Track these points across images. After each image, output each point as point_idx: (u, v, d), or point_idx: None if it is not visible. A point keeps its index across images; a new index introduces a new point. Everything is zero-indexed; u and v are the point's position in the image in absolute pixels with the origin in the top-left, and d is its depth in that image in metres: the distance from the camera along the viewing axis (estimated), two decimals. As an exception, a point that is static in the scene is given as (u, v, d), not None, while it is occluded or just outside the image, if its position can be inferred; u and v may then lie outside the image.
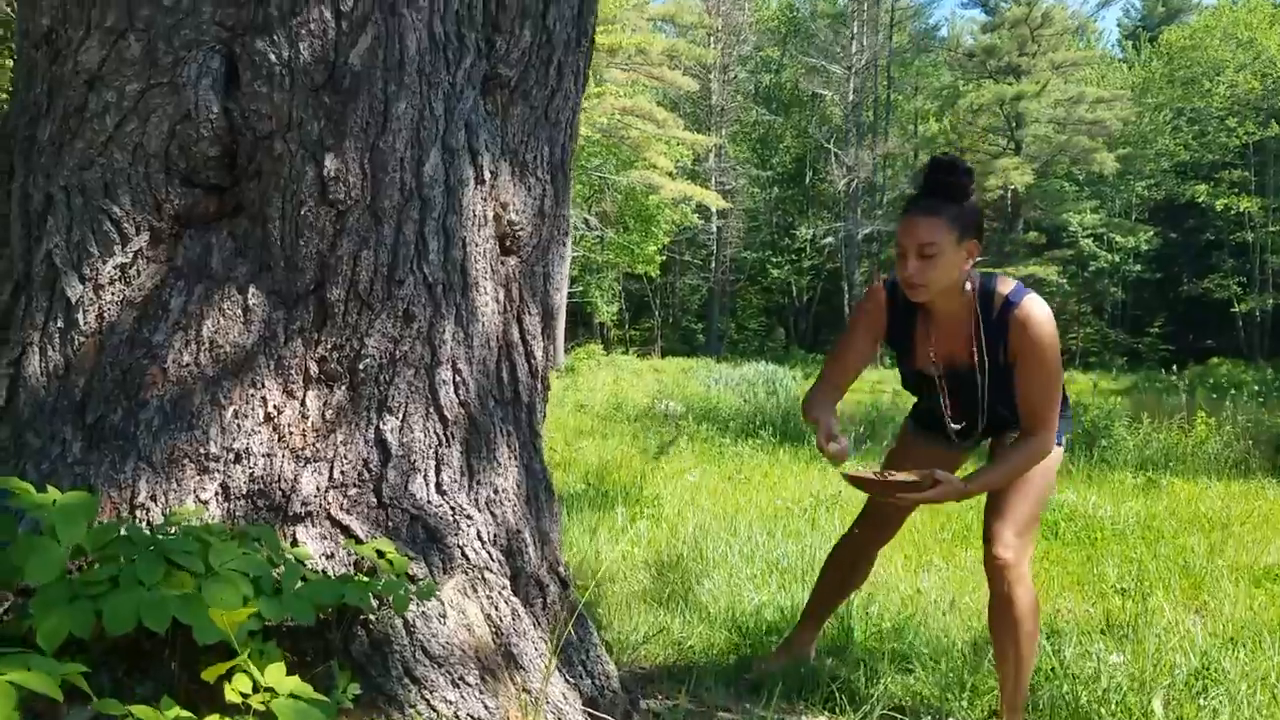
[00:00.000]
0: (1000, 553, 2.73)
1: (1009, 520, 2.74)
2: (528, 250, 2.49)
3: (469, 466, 2.26)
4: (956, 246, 2.51)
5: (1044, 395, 2.59)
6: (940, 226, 2.49)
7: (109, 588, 1.63)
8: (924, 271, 2.53)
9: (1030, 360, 2.57)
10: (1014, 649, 2.80)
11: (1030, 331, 2.54)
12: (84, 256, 2.08)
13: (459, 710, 1.92)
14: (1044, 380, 2.58)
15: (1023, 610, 2.77)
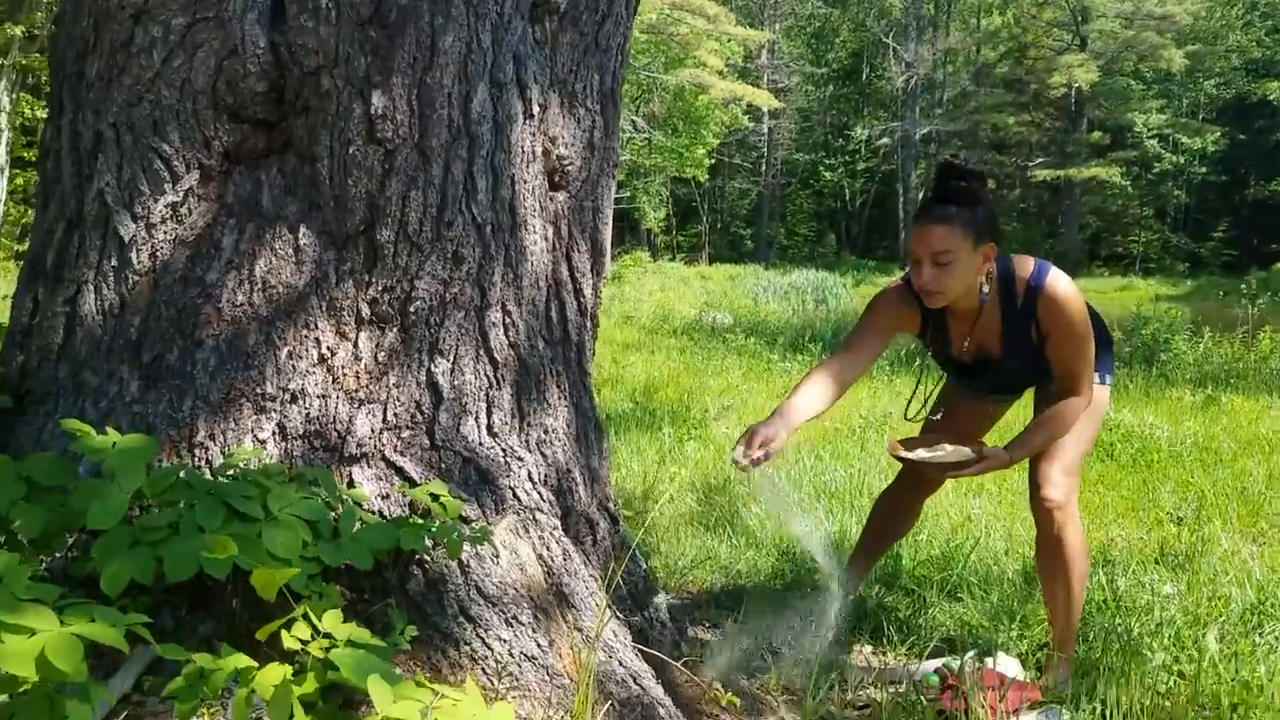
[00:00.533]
0: (1050, 494, 2.72)
1: (1056, 461, 2.72)
2: (577, 185, 2.45)
3: (519, 408, 2.26)
4: (972, 252, 2.48)
5: (1079, 362, 2.59)
6: (954, 234, 2.45)
7: (169, 534, 1.66)
8: (940, 279, 2.49)
9: (1063, 336, 2.56)
10: (1064, 588, 2.79)
11: (1060, 312, 2.54)
12: (135, 195, 2.08)
13: (512, 648, 1.95)
14: (1078, 350, 2.58)
15: (1072, 550, 2.76)
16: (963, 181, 2.48)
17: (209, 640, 1.83)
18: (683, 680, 2.35)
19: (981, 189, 2.50)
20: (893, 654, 3.00)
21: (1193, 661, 2.86)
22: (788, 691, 2.57)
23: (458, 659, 1.92)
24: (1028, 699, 2.57)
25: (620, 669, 2.07)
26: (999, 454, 2.63)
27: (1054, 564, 2.78)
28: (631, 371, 7.98)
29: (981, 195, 2.50)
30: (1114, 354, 2.87)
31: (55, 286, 2.13)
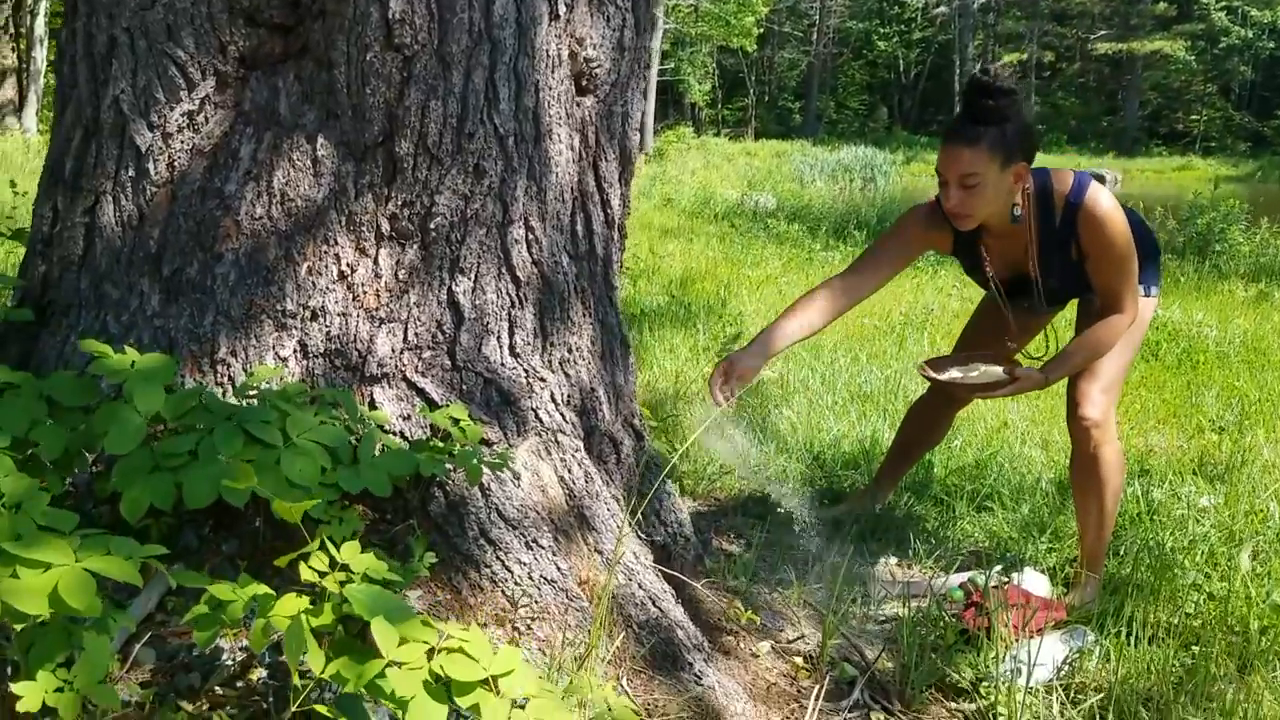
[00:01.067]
0: (1088, 412, 2.66)
1: (1096, 379, 2.66)
2: (605, 89, 2.36)
3: (542, 327, 2.22)
4: (1000, 173, 2.39)
5: (1121, 280, 2.50)
6: (981, 156, 2.36)
7: (188, 460, 1.67)
8: (967, 202, 2.42)
9: (1104, 255, 2.48)
10: (1097, 506, 2.76)
11: (1100, 230, 2.45)
12: (151, 103, 2.02)
13: (532, 572, 1.96)
14: (1119, 268, 2.49)
15: (1108, 468, 2.71)
16: (991, 100, 2.35)
17: (232, 559, 1.85)
18: (704, 598, 2.36)
19: (1011, 106, 2.37)
20: (918, 567, 3.00)
21: (1224, 579, 2.84)
22: (809, 605, 2.58)
23: (478, 581, 1.93)
24: (1052, 619, 2.57)
25: (639, 591, 2.07)
26: (1033, 375, 2.56)
27: (1088, 481, 2.74)
28: (669, 263, 7.90)
29: (1011, 113, 2.37)
30: (1160, 257, 2.77)
31: (74, 196, 2.10)
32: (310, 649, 1.42)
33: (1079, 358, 2.58)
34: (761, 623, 2.40)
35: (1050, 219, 2.52)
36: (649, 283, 7.18)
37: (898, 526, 3.20)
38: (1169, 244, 9.79)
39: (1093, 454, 2.70)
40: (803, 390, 4.48)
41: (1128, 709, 2.20)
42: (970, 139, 2.37)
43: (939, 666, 2.32)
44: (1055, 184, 2.50)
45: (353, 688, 1.33)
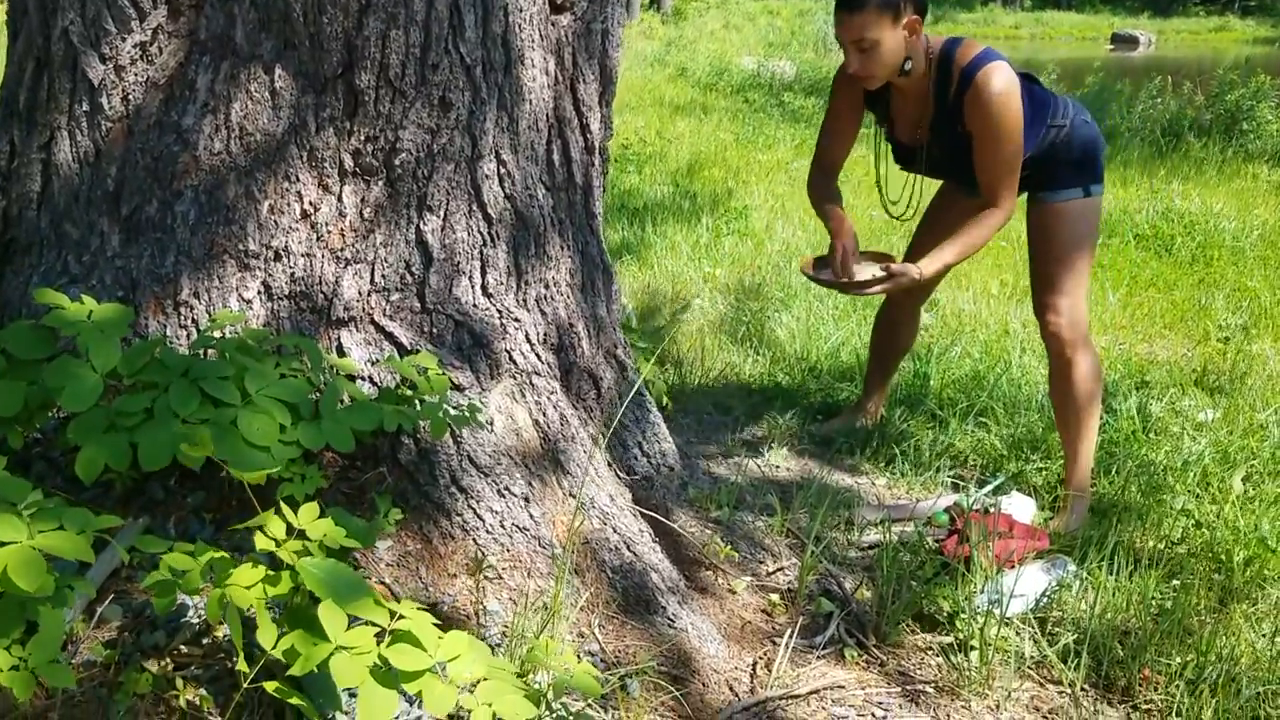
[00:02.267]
0: (1053, 319, 2.72)
1: (1056, 289, 2.70)
2: (583, 6, 2.24)
3: (516, 265, 2.16)
4: (893, 29, 2.47)
5: (1000, 168, 2.54)
6: (870, 18, 2.45)
7: (144, 419, 1.64)
8: (866, 64, 2.52)
9: (984, 134, 2.52)
10: (1075, 414, 2.80)
11: (982, 105, 2.48)
12: (102, 35, 1.93)
13: (504, 519, 1.95)
14: (999, 154, 2.52)
15: (1082, 376, 2.75)
16: None
17: (198, 511, 1.84)
18: (684, 531, 2.36)
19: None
20: (905, 485, 2.99)
21: (1215, 502, 2.82)
22: (792, 534, 2.58)
23: (449, 529, 1.92)
24: (1034, 548, 2.56)
25: (614, 535, 2.07)
26: (907, 269, 2.61)
27: (1064, 390, 2.79)
28: (677, 146, 7.71)
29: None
30: (1104, 153, 2.75)
31: (30, 130, 2.03)
32: (261, 623, 1.42)
33: (950, 252, 2.62)
34: (741, 556, 2.40)
35: (946, 87, 2.56)
36: (655, 169, 7.02)
37: (889, 443, 3.18)
38: (1195, 122, 9.48)
39: (1067, 359, 2.74)
40: (805, 294, 4.41)
41: (1104, 644, 2.20)
42: (858, 3, 2.45)
43: (917, 599, 2.32)
44: (959, 54, 2.54)
45: (300, 670, 1.33)
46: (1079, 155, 2.64)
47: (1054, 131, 2.63)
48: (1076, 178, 2.65)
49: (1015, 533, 2.58)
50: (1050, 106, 2.63)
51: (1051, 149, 2.64)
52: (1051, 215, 2.68)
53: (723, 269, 4.88)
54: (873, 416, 3.36)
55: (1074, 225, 2.66)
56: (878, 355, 3.30)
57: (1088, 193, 2.67)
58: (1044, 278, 2.72)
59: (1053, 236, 2.68)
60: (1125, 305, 4.52)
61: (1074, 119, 2.65)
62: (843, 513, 2.72)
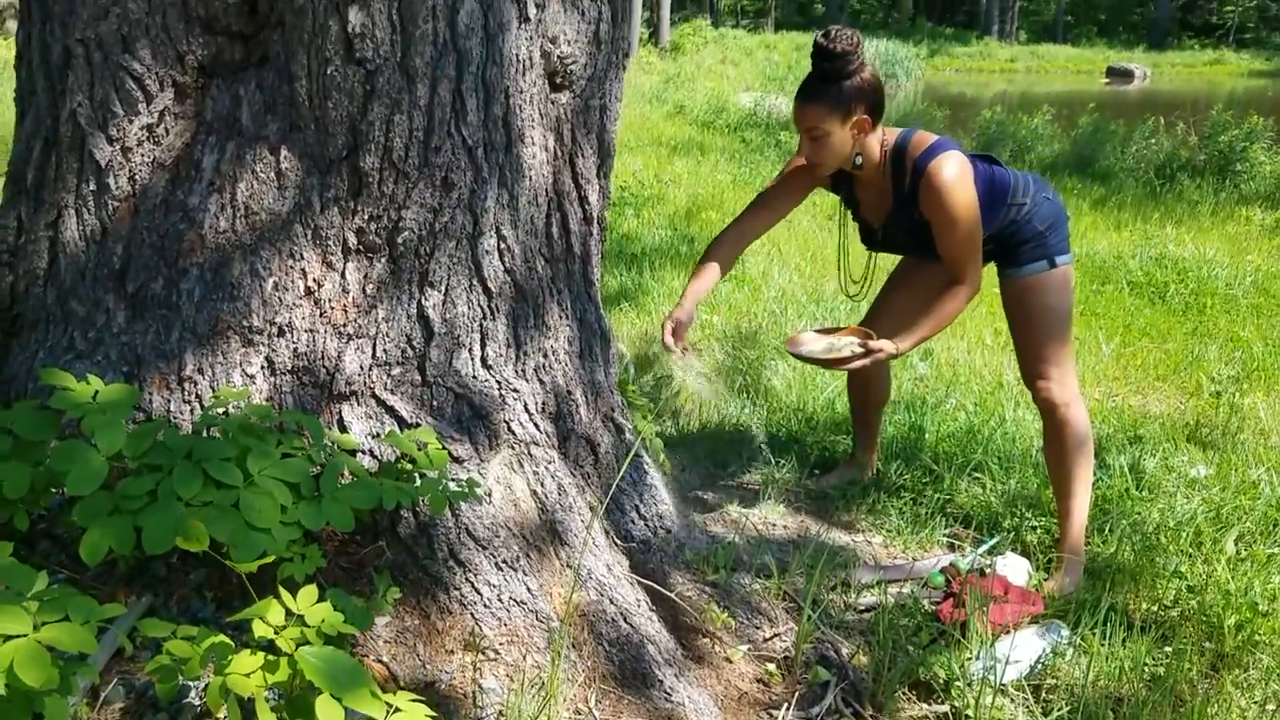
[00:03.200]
0: (1043, 385, 2.80)
1: (1041, 359, 2.80)
2: (581, 84, 2.29)
3: (515, 336, 2.19)
4: (842, 126, 2.59)
5: (960, 249, 2.64)
6: (823, 111, 2.57)
7: (148, 502, 1.66)
8: (817, 152, 2.65)
9: (940, 220, 2.62)
10: (1071, 477, 2.85)
11: (934, 194, 2.58)
12: (109, 117, 1.97)
13: (501, 593, 1.97)
14: (956, 236, 2.62)
15: (1076, 435, 2.82)
16: (828, 62, 2.54)
17: (199, 589, 1.87)
18: (682, 597, 2.38)
19: (849, 65, 2.54)
20: (901, 544, 3.02)
21: (1208, 562, 2.84)
22: (789, 597, 2.60)
23: (447, 604, 1.95)
24: (1029, 613, 2.58)
25: (610, 607, 2.09)
26: (885, 345, 2.70)
27: (1060, 454, 2.85)
28: (674, 189, 7.77)
29: (849, 71, 2.55)
30: (1067, 224, 2.85)
31: (37, 207, 2.07)
32: (260, 712, 1.44)
33: (924, 329, 2.70)
34: (739, 622, 2.42)
35: (902, 177, 2.67)
36: (653, 211, 7.08)
37: (885, 499, 3.20)
38: (1189, 163, 9.57)
39: (1060, 419, 2.81)
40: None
41: (1097, 713, 2.22)
42: (812, 96, 2.58)
43: (913, 667, 2.34)
44: (912, 145, 2.65)
45: (301, 764, 1.35)
46: (1042, 229, 2.74)
47: (1015, 210, 2.73)
48: (1040, 250, 2.74)
49: (1010, 596, 2.60)
50: (1010, 186, 2.74)
51: (1014, 225, 2.74)
52: (1021, 290, 2.78)
53: (719, 316, 4.92)
54: (868, 470, 3.40)
55: (1044, 296, 2.75)
56: (857, 411, 3.37)
57: (1053, 264, 2.75)
58: (1026, 351, 2.82)
59: (1027, 310, 2.79)
60: (1119, 356, 4.56)
61: (1035, 196, 2.75)
62: (839, 573, 2.74)
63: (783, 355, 4.32)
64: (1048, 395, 2.78)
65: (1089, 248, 6.39)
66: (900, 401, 3.90)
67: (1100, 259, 6.05)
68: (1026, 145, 10.75)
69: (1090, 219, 7.51)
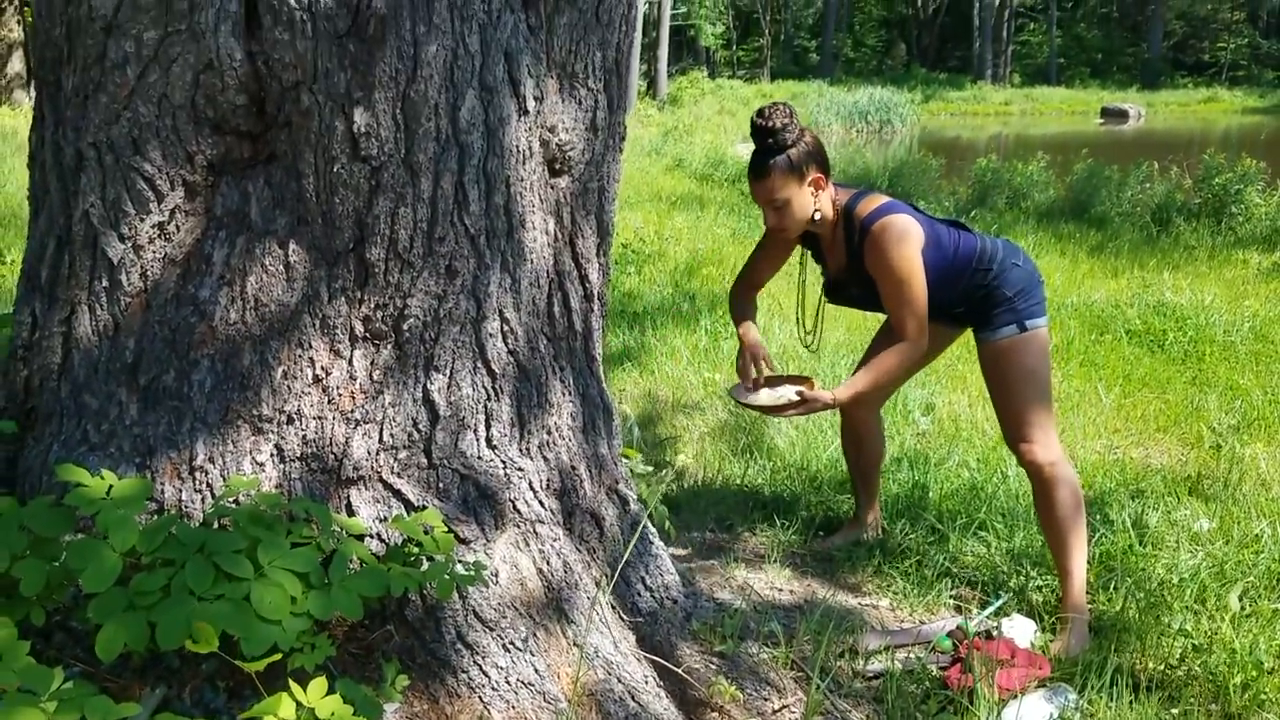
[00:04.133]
0: (1026, 448, 2.86)
1: (1022, 422, 2.85)
2: (580, 168, 2.35)
3: (519, 415, 2.24)
4: (799, 188, 2.75)
5: (902, 308, 2.73)
6: (777, 181, 2.73)
7: (161, 597, 1.70)
8: (781, 220, 2.80)
9: (882, 278, 2.75)
10: (1065, 536, 2.88)
11: (877, 253, 2.72)
12: (121, 216, 2.03)
13: (509, 675, 2.00)
14: (899, 294, 2.73)
15: (1065, 497, 2.86)
16: (769, 137, 2.71)
17: (212, 679, 1.89)
18: (690, 670, 2.39)
19: (789, 133, 2.70)
20: (908, 606, 3.03)
21: (1213, 618, 2.85)
22: (797, 666, 2.61)
23: (455, 688, 1.97)
24: (1036, 676, 2.59)
25: (618, 685, 2.11)
26: (821, 395, 2.82)
27: (1050, 515, 2.89)
28: (674, 246, 7.85)
29: (791, 139, 2.71)
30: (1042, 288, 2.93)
31: (51, 304, 2.12)
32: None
33: (864, 380, 2.83)
34: (747, 694, 2.44)
35: (852, 235, 2.80)
36: (654, 269, 7.15)
37: (890, 560, 3.22)
38: (1184, 205, 9.65)
39: (1048, 479, 2.85)
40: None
41: (1106, 778, 2.23)
42: (764, 171, 2.74)
43: (921, 734, 2.35)
44: (860, 207, 2.79)
45: None
46: (1011, 295, 2.81)
47: (981, 274, 2.81)
48: (1010, 315, 2.81)
49: (1017, 660, 2.62)
50: (976, 251, 2.82)
51: (984, 290, 2.82)
52: (994, 353, 2.85)
53: (722, 374, 4.96)
54: (873, 529, 3.42)
55: (1019, 360, 2.81)
56: (854, 469, 3.41)
57: (1023, 328, 2.82)
58: (1006, 415, 2.88)
59: (1002, 373, 2.85)
60: (1119, 406, 4.59)
61: (1003, 261, 2.83)
62: (847, 639, 2.76)
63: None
64: (1032, 458, 2.83)
65: (1086, 296, 6.45)
66: (903, 458, 3.93)
67: (1099, 308, 6.10)
68: (1022, 192, 10.85)
69: (1087, 266, 7.58)
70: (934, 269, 2.77)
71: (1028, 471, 2.89)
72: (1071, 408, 4.56)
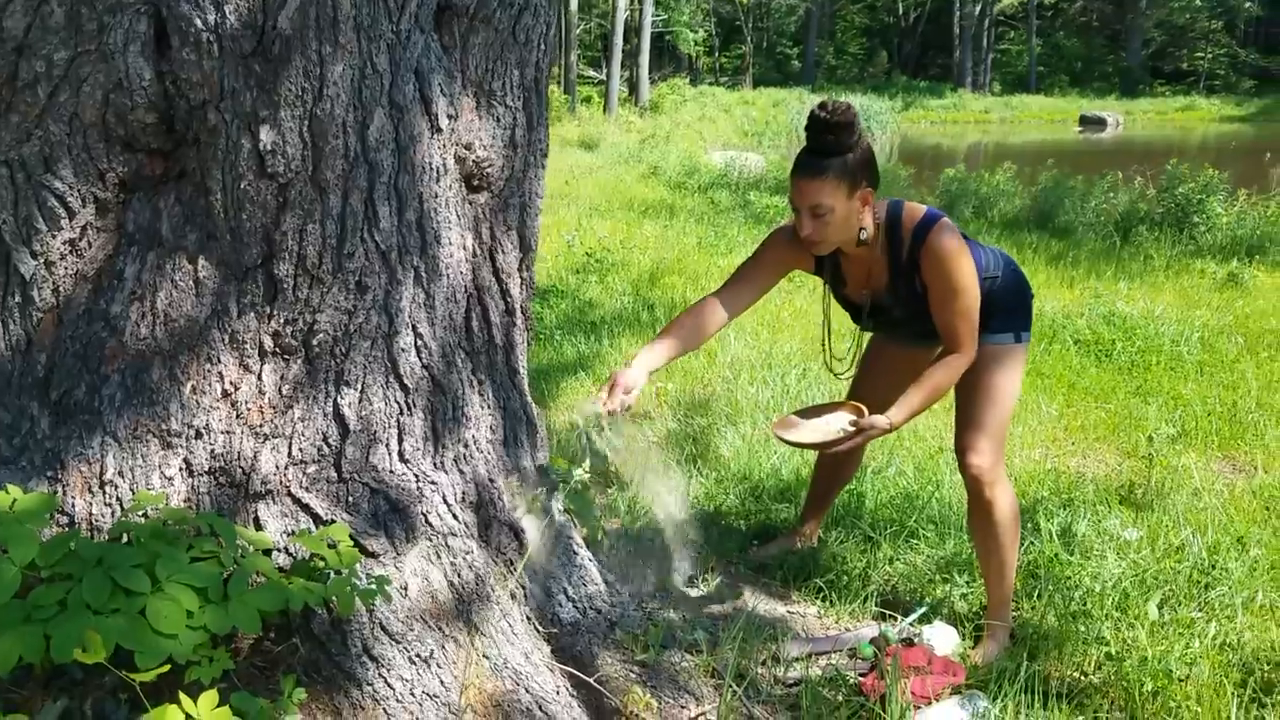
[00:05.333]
0: (975, 461, 2.79)
1: (980, 430, 2.78)
2: (499, 184, 2.38)
3: (433, 430, 2.26)
4: (848, 200, 2.55)
5: (959, 319, 2.62)
6: (828, 186, 2.51)
7: (57, 611, 1.72)
8: (820, 230, 2.57)
9: (941, 290, 2.61)
10: (995, 549, 2.88)
11: (938, 265, 2.58)
12: (33, 233, 2.05)
13: (414, 688, 2.02)
14: (957, 306, 2.61)
15: (1002, 515, 2.83)
16: (831, 134, 2.50)
17: (114, 692, 1.92)
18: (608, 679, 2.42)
19: (850, 137, 2.51)
20: (835, 614, 3.07)
21: (1131, 628, 2.90)
22: (718, 674, 2.64)
23: (360, 700, 2.00)
24: (950, 683, 2.63)
25: (526, 696, 2.14)
26: (878, 421, 2.65)
27: (984, 528, 2.87)
28: (639, 255, 7.89)
29: (851, 143, 2.52)
30: (1032, 301, 2.88)
31: (-34, 318, 2.14)
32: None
33: (917, 398, 2.66)
34: (663, 703, 2.47)
35: (899, 248, 2.65)
36: (617, 277, 7.19)
37: (822, 569, 3.26)
38: (1148, 215, 9.75)
39: (987, 499, 2.82)
40: (750, 409, 4.53)
41: (1011, 784, 2.27)
42: (816, 171, 2.52)
43: (834, 742, 2.39)
44: (905, 216, 2.64)
45: None
46: (1013, 302, 2.77)
47: (988, 283, 2.72)
48: (1010, 323, 2.76)
49: (933, 667, 2.66)
50: (982, 261, 2.73)
51: (987, 298, 2.70)
52: (985, 356, 2.72)
53: (674, 383, 5.00)
54: (808, 540, 3.46)
55: (1005, 367, 2.76)
56: (820, 482, 3.40)
57: (1018, 338, 2.78)
58: (971, 417, 2.79)
59: (984, 377, 2.75)
60: (1061, 416, 4.65)
61: (1004, 269, 2.78)
62: (770, 647, 2.80)
63: (734, 420, 4.40)
64: (978, 472, 2.77)
65: (1039, 307, 6.51)
66: (844, 468, 3.97)
67: (1049, 317, 6.17)
68: (989, 201, 10.94)
69: (1044, 275, 7.65)
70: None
71: (966, 483, 2.84)
72: (1014, 417, 4.61)
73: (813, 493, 3.43)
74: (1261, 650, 2.74)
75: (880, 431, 2.65)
